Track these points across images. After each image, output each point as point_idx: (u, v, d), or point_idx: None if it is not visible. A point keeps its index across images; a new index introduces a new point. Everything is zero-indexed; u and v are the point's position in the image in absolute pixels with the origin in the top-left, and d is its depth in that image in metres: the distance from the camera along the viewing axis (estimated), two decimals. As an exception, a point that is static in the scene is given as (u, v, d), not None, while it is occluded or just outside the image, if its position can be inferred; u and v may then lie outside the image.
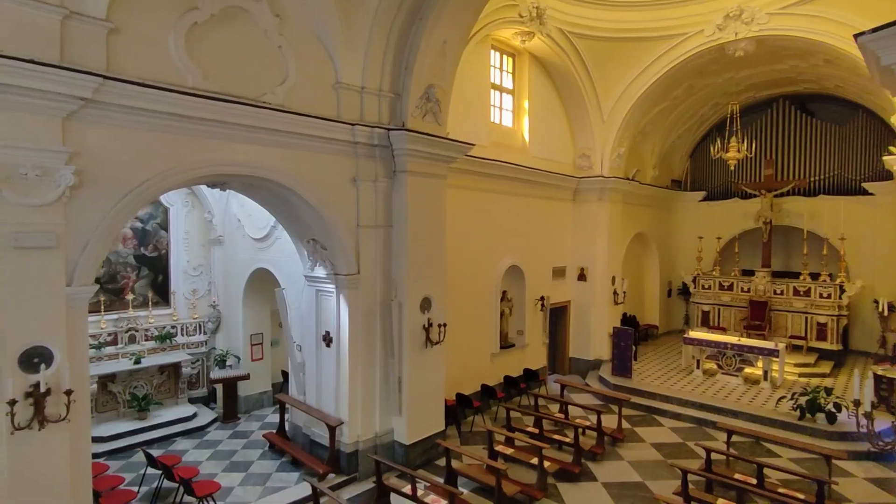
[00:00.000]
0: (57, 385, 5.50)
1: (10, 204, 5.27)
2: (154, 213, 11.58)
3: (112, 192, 6.07)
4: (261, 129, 7.26)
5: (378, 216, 8.88)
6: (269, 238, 10.77)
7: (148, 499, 8.04)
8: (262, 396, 12.35)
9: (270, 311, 12.27)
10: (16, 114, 5.27)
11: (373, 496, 7.97)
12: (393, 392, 9.06)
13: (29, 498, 5.48)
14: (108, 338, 10.80)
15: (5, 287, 5.31)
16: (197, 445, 10.29)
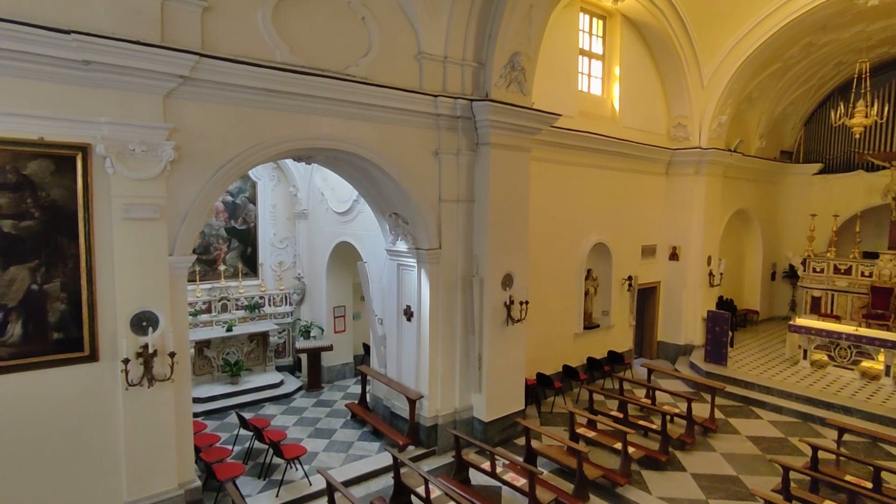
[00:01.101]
0: (162, 347, 6.08)
1: (122, 178, 5.83)
2: (243, 187, 12.33)
3: (207, 166, 6.53)
4: (344, 103, 7.48)
5: (460, 190, 8.94)
6: (352, 212, 11.14)
7: (241, 457, 8.74)
8: (344, 368, 12.97)
9: (353, 285, 12.78)
10: (125, 93, 5.77)
11: (452, 470, 8.21)
12: (473, 369, 9.22)
13: (141, 447, 6.16)
14: (203, 306, 11.73)
15: (119, 255, 5.90)
16: (284, 411, 11.01)
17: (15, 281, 5.37)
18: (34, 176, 5.41)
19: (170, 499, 6.36)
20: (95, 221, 5.76)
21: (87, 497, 5.95)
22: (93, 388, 5.89)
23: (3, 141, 5.22)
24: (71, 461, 5.84)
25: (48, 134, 5.45)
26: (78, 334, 5.73)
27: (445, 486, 6.72)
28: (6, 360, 5.39)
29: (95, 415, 5.93)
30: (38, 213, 5.45)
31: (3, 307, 5.35)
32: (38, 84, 5.36)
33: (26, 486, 5.60)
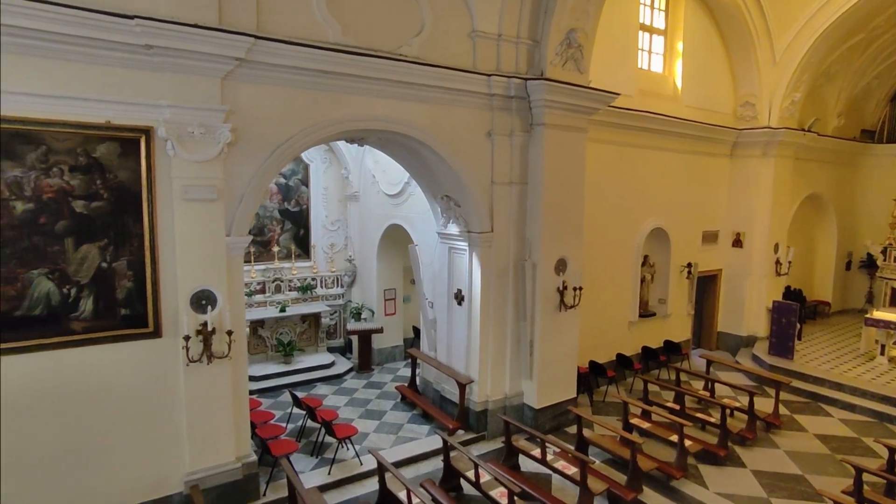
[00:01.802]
0: (220, 325, 6.34)
1: (181, 160, 6.06)
2: (296, 169, 12.61)
3: (262, 148, 6.70)
4: (396, 83, 7.50)
5: (513, 172, 8.85)
6: (403, 194, 11.22)
7: (294, 435, 9.06)
8: (394, 350, 13.19)
9: (403, 268, 12.92)
10: (184, 76, 5.98)
11: (501, 455, 8.26)
12: (524, 355, 9.19)
13: (202, 420, 6.48)
14: (258, 287, 12.13)
15: (179, 235, 6.16)
16: (335, 392, 11.32)
17: (86, 258, 5.71)
18: (103, 158, 5.71)
19: (228, 471, 6.68)
20: (158, 202, 6.03)
21: (155, 465, 6.32)
22: (157, 363, 6.22)
23: (74, 125, 5.52)
24: (141, 430, 6.20)
25: (114, 117, 5.72)
26: (143, 311, 6.06)
27: (495, 472, 6.76)
28: (80, 334, 5.76)
29: (160, 388, 6.27)
30: (107, 195, 5.76)
31: (77, 283, 5.71)
32: (104, 69, 5.61)
33: (103, 451, 6.00)
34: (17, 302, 5.42)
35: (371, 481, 7.58)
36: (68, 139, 5.51)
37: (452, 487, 7.55)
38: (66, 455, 5.81)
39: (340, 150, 12.65)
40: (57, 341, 5.63)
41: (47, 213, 5.48)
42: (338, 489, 7.65)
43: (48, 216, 5.49)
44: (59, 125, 5.44)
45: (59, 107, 5.42)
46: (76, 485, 5.88)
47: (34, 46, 5.23)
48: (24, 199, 5.36)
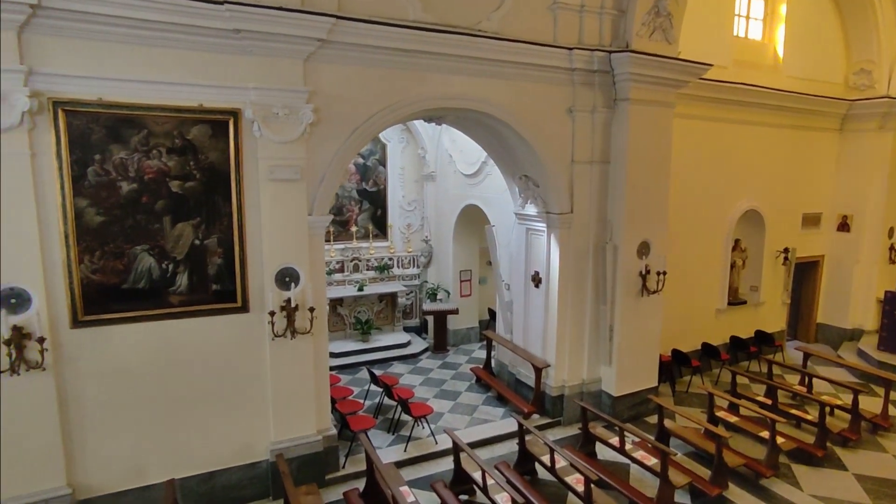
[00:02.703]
0: (303, 302, 6.65)
1: (267, 141, 6.35)
2: (374, 149, 12.88)
3: (342, 128, 6.89)
4: (475, 60, 7.46)
5: (594, 151, 8.64)
6: (480, 174, 11.22)
7: (371, 411, 9.40)
8: (470, 332, 13.33)
9: (479, 249, 12.97)
10: (269, 59, 6.23)
11: (578, 442, 8.20)
12: (603, 340, 9.03)
13: (285, 392, 6.85)
14: (337, 266, 12.58)
15: (265, 214, 6.48)
16: (411, 371, 11.61)
17: (182, 236, 6.15)
18: (196, 140, 6.08)
19: (310, 443, 7.04)
20: (245, 182, 6.36)
21: (244, 432, 6.77)
22: (245, 337, 6.62)
23: (171, 109, 5.91)
24: (232, 399, 6.65)
25: (206, 101, 6.06)
26: (232, 287, 6.46)
27: (571, 458, 6.73)
28: (177, 307, 6.23)
29: (248, 360, 6.67)
30: (199, 175, 6.14)
31: (174, 259, 6.16)
32: (198, 55, 5.95)
33: (199, 416, 6.49)
34: (124, 276, 5.94)
35: (446, 460, 7.75)
36: (166, 122, 5.91)
37: (527, 471, 7.59)
38: (167, 417, 6.34)
39: (417, 130, 12.79)
40: (157, 313, 6.13)
41: (148, 192, 5.93)
42: (413, 466, 7.87)
43: (149, 196, 5.94)
44: (158, 109, 5.84)
45: (158, 92, 5.81)
46: (175, 446, 6.41)
47: (139, 36, 5.62)
48: (129, 180, 5.83)
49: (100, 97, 5.56)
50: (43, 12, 5.14)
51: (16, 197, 5.33)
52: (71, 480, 5.90)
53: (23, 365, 5.38)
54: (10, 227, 5.35)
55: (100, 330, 5.88)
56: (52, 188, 5.50)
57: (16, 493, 5.64)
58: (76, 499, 5.93)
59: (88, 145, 5.60)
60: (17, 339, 5.31)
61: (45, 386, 5.63)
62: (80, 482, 5.96)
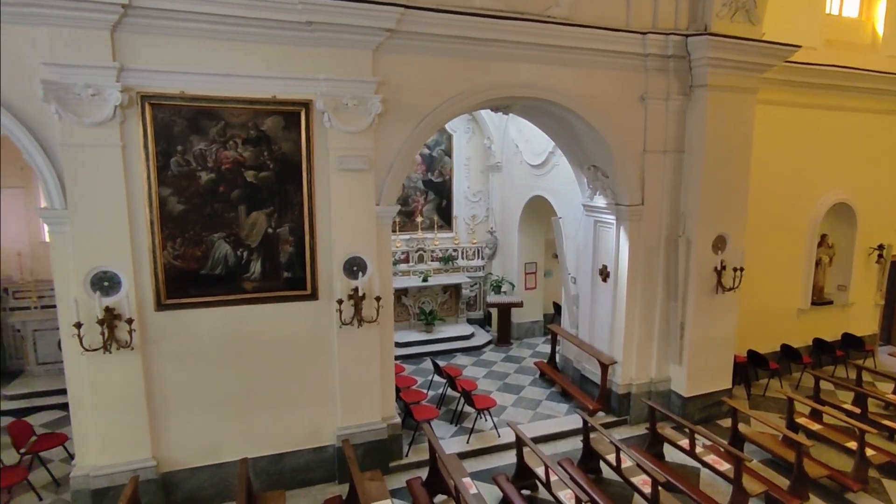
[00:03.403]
0: (370, 291, 6.84)
1: (337, 131, 6.55)
2: (440, 139, 13.02)
3: (410, 119, 7.00)
4: (544, 47, 7.39)
5: (668, 140, 8.40)
6: (547, 164, 11.12)
7: (435, 401, 9.55)
8: (534, 325, 13.29)
9: (545, 241, 12.90)
10: (339, 50, 6.41)
11: (645, 442, 8.05)
12: (673, 338, 8.80)
13: (352, 379, 7.10)
14: (402, 256, 12.84)
15: (335, 204, 6.70)
16: (474, 363, 11.71)
17: (256, 224, 6.46)
18: (269, 131, 6.35)
19: (374, 430, 7.25)
20: (316, 172, 6.59)
21: (313, 416, 7.07)
22: (314, 324, 6.89)
23: (246, 101, 6.19)
24: (302, 383, 6.95)
25: (279, 92, 6.31)
26: (302, 274, 6.73)
27: (638, 458, 6.61)
28: (250, 294, 6.57)
29: (316, 347, 6.95)
30: (272, 165, 6.42)
31: (248, 247, 6.49)
32: (270, 47, 6.20)
33: (270, 398, 6.82)
34: (202, 262, 6.31)
35: (508, 454, 7.79)
36: (242, 114, 6.21)
37: (591, 469, 7.53)
38: (241, 399, 6.70)
39: (484, 120, 12.82)
40: (232, 298, 6.49)
41: (225, 182, 6.26)
42: (475, 458, 7.98)
43: (226, 185, 6.27)
44: (234, 101, 6.14)
45: (234, 84, 6.11)
46: (248, 426, 6.77)
47: (217, 31, 5.92)
48: (207, 170, 6.18)
49: (182, 90, 5.92)
50: (133, 11, 5.51)
51: (108, 186, 5.78)
52: (155, 453, 6.37)
53: (114, 344, 5.87)
54: (104, 214, 5.81)
55: (180, 313, 6.30)
56: (140, 178, 5.92)
57: (108, 461, 6.18)
58: (160, 471, 6.40)
59: (171, 137, 5.98)
60: (108, 320, 5.80)
61: (133, 364, 6.10)
62: (163, 456, 6.43)
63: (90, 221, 5.78)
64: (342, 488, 6.97)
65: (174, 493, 6.52)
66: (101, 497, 6.14)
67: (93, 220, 5.79)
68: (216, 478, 6.67)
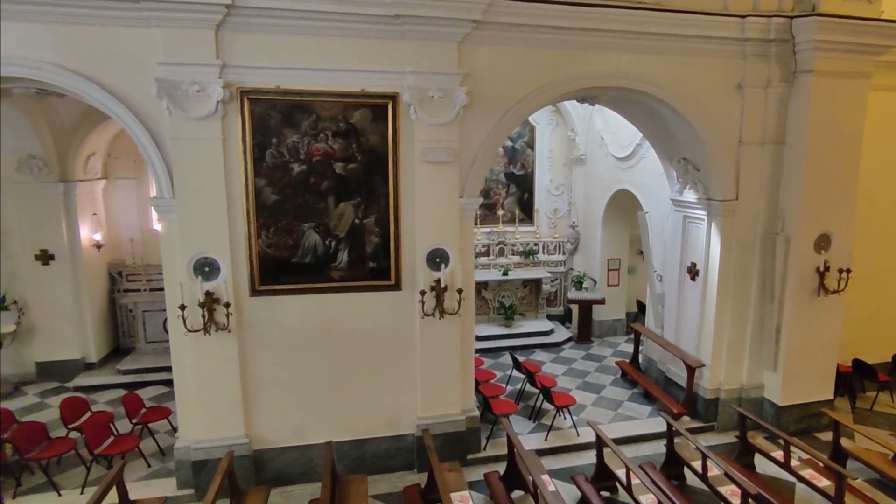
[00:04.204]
0: (451, 283, 7.03)
1: (422, 123, 6.77)
2: (522, 131, 13.06)
3: (494, 110, 7.11)
4: (633, 34, 7.27)
5: (766, 130, 8.06)
6: (634, 157, 10.92)
7: (513, 396, 9.64)
8: (616, 324, 13.11)
9: (630, 237, 12.68)
10: (426, 42, 6.61)
11: (734, 451, 7.80)
12: (768, 342, 8.46)
13: (432, 371, 7.34)
14: (482, 249, 13.00)
15: (419, 196, 6.93)
16: (553, 360, 11.72)
17: (344, 215, 6.81)
18: (358, 124, 6.67)
19: (453, 421, 7.46)
20: (401, 164, 6.84)
21: (394, 404, 7.38)
22: (396, 314, 7.18)
23: (336, 94, 6.53)
24: (384, 371, 7.28)
25: (368, 86, 6.60)
26: (386, 265, 7.03)
27: (726, 468, 6.40)
28: (337, 282, 6.94)
29: (399, 337, 7.24)
30: (360, 157, 6.74)
31: (336, 237, 6.86)
32: (359, 41, 6.49)
33: (353, 384, 7.20)
34: (293, 251, 6.75)
35: (588, 454, 7.78)
36: (332, 107, 6.56)
37: (674, 475, 7.39)
38: (326, 384, 7.10)
39: (568, 111, 12.74)
40: (320, 286, 6.89)
41: (315, 173, 6.64)
42: (553, 456, 8.02)
43: (316, 176, 6.65)
44: (325, 95, 6.49)
45: (325, 78, 6.46)
46: (332, 411, 7.17)
47: (309, 27, 6.28)
48: (300, 162, 6.58)
49: (277, 85, 6.33)
50: (235, 11, 5.96)
51: (210, 177, 6.30)
52: (248, 432, 6.90)
53: (213, 326, 6.39)
54: (206, 204, 6.35)
55: (272, 299, 6.76)
56: (238, 170, 6.39)
57: (207, 436, 6.77)
58: (252, 448, 6.92)
59: (267, 130, 6.41)
60: (208, 303, 6.32)
61: (229, 346, 6.63)
62: (255, 434, 6.94)
63: (194, 210, 6.33)
64: (420, 477, 7.22)
65: (264, 469, 7.01)
66: (200, 468, 6.73)
67: (196, 209, 6.33)
68: (303, 458, 7.11)
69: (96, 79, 5.96)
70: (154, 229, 11.36)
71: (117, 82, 6.02)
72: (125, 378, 10.29)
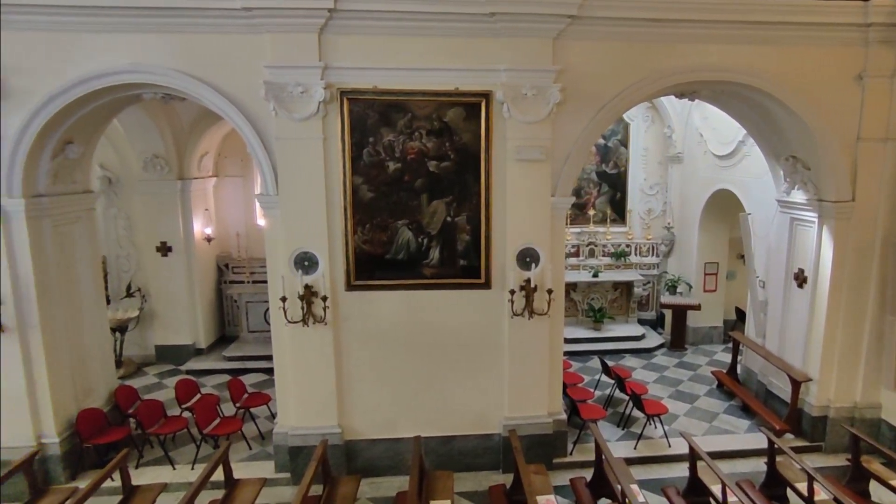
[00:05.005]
0: (541, 283, 7.14)
1: (515, 121, 6.92)
2: (616, 129, 12.95)
3: (588, 107, 7.16)
4: (737, 24, 7.06)
5: (891, 125, 7.62)
6: (735, 155, 10.59)
7: (601, 402, 9.60)
8: (712, 331, 12.73)
9: (729, 239, 12.30)
10: (520, 39, 6.76)
11: (845, 475, 7.40)
12: (888, 358, 8.00)
13: (520, 371, 7.49)
14: (572, 250, 13.01)
15: (510, 194, 7.10)
16: (644, 366, 11.57)
17: (436, 213, 7.11)
18: (451, 123, 6.93)
19: (540, 424, 7.58)
20: (493, 162, 7.03)
21: (482, 403, 7.59)
22: (486, 313, 7.38)
23: (431, 93, 6.82)
24: (472, 370, 7.52)
25: (461, 84, 6.83)
26: (476, 263, 7.25)
27: (837, 493, 6.14)
28: (428, 279, 7.25)
29: (487, 336, 7.44)
30: (453, 155, 7.00)
31: (428, 235, 7.16)
32: (453, 40, 6.74)
33: (442, 381, 7.50)
34: (387, 247, 7.13)
35: (679, 466, 7.67)
36: (426, 106, 6.86)
37: (776, 496, 7.11)
38: (415, 380, 7.45)
39: (664, 107, 12.52)
40: (411, 283, 7.23)
41: (409, 171, 6.98)
42: (642, 466, 7.94)
43: (410, 174, 6.99)
44: (420, 94, 6.80)
45: (420, 78, 6.76)
46: (420, 406, 7.50)
47: (405, 27, 6.60)
48: (394, 160, 6.93)
49: (374, 85, 6.70)
50: (337, 14, 6.38)
51: (311, 175, 6.78)
52: (341, 422, 7.36)
53: (311, 318, 6.87)
54: (306, 200, 6.83)
55: (365, 294, 7.17)
56: (336, 168, 6.83)
57: (303, 424, 7.29)
58: (344, 438, 7.36)
59: (364, 129, 6.80)
60: (307, 296, 6.82)
61: (326, 339, 7.10)
62: (347, 425, 7.39)
63: (295, 206, 6.83)
64: (506, 477, 7.36)
65: (355, 459, 7.44)
66: (297, 454, 7.24)
67: (298, 205, 6.83)
68: (391, 451, 7.47)
69: (213, 83, 6.59)
70: (258, 224, 12.33)
71: (230, 86, 6.62)
72: (230, 364, 11.33)
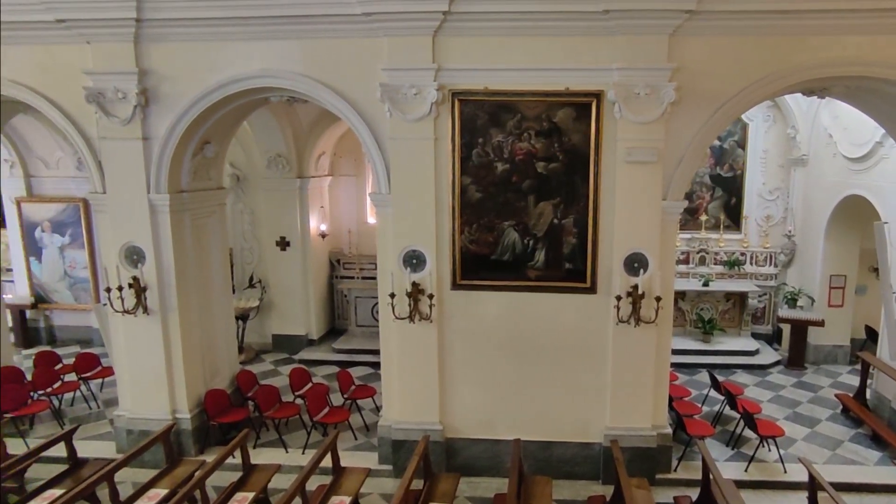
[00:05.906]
0: (649, 290, 7.09)
1: (626, 122, 6.93)
2: (733, 129, 12.54)
3: (705, 106, 7.02)
4: (879, 12, 6.61)
5: None
6: (871, 157, 9.99)
7: (709, 418, 9.35)
8: (836, 350, 12.05)
9: (860, 250, 11.60)
10: (634, 37, 6.75)
11: None
12: None
13: (624, 379, 7.47)
14: (681, 256, 12.75)
15: (619, 197, 7.11)
16: (757, 383, 11.14)
17: (543, 214, 7.26)
18: (560, 123, 7.05)
19: (643, 437, 7.52)
20: (602, 164, 7.08)
21: (582, 411, 7.67)
22: (590, 318, 7.44)
23: (540, 94, 6.97)
24: (572, 377, 7.60)
25: (572, 84, 6.93)
26: (582, 267, 7.33)
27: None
28: (532, 282, 7.41)
29: (591, 343, 7.50)
30: (562, 156, 7.12)
31: (534, 236, 7.33)
32: (564, 39, 6.84)
33: (542, 385, 7.62)
34: (493, 248, 7.37)
35: (796, 495, 7.42)
36: (536, 106, 7.01)
37: (911, 534, 6.73)
38: (516, 382, 7.63)
39: (788, 106, 12.01)
40: (516, 285, 7.42)
41: (517, 172, 7.17)
42: (754, 490, 7.70)
43: (518, 175, 7.18)
44: (529, 94, 6.97)
45: (530, 78, 6.93)
46: (520, 409, 7.67)
47: (515, 27, 6.79)
48: (503, 161, 7.15)
49: (485, 86, 6.95)
50: (451, 16, 6.67)
51: (421, 175, 7.15)
52: (442, 419, 7.69)
53: (417, 315, 7.22)
54: (416, 199, 7.19)
55: (470, 294, 7.45)
56: (446, 168, 7.15)
57: (406, 418, 7.68)
58: (444, 435, 7.67)
59: (474, 129, 7.07)
60: (415, 293, 7.19)
61: (430, 336, 7.45)
62: (448, 422, 7.70)
63: (406, 205, 7.23)
64: (606, 489, 7.34)
65: (455, 457, 7.72)
66: (399, 447, 7.63)
67: (408, 203, 7.22)
68: (490, 452, 7.69)
69: (333, 86, 7.12)
70: (368, 222, 13.29)
71: (349, 89, 7.12)
72: (338, 356, 12.22)
